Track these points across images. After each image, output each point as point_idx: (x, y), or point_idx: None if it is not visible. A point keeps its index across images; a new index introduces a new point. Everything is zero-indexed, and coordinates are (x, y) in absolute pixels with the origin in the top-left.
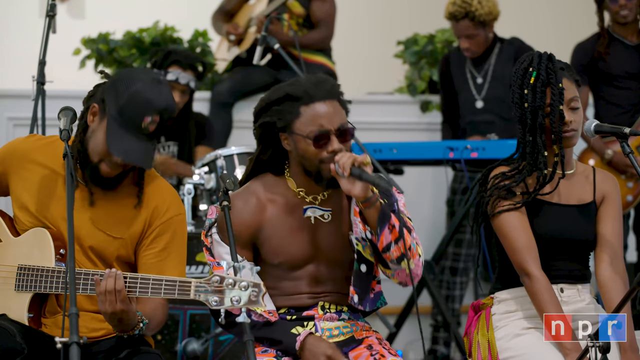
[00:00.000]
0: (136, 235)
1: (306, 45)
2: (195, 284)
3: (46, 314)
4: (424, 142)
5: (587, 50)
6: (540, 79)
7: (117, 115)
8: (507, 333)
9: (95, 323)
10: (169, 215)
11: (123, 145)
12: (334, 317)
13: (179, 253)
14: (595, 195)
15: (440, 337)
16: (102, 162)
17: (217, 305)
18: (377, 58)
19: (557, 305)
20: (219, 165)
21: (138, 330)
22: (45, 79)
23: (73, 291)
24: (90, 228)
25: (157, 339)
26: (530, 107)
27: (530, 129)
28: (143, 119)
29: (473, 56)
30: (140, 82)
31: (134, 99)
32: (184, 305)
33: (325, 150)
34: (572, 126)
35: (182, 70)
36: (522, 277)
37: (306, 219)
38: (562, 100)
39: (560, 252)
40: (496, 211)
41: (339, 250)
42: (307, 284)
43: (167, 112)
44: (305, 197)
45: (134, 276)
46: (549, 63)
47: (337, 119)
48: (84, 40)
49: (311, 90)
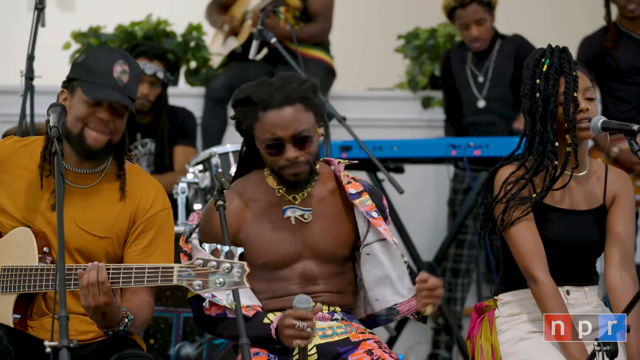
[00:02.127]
0: (122, 232)
1: (303, 39)
2: (178, 269)
3: (33, 316)
4: (426, 140)
5: (593, 44)
6: (553, 66)
7: (87, 77)
8: (511, 337)
9: (84, 326)
10: (153, 211)
11: (101, 94)
12: (326, 317)
13: (164, 249)
14: (606, 197)
15: (441, 340)
16: (87, 127)
17: (201, 289)
18: (377, 53)
19: (564, 312)
20: (214, 163)
21: (123, 326)
22: (34, 74)
23: (63, 293)
24: (75, 230)
25: (150, 342)
26: (543, 95)
27: (541, 118)
28: (112, 69)
29: (481, 48)
30: (92, 48)
31: (96, 57)
32: (178, 308)
33: (281, 158)
34: (587, 114)
35: (149, 61)
36: (529, 282)
37: (286, 219)
38: (576, 87)
39: (566, 256)
40: (512, 221)
41: (326, 246)
42: (298, 284)
43: (133, 63)
44: (284, 196)
45: (116, 267)
46: (562, 54)
47: (294, 126)
48: (74, 34)
49: (269, 95)
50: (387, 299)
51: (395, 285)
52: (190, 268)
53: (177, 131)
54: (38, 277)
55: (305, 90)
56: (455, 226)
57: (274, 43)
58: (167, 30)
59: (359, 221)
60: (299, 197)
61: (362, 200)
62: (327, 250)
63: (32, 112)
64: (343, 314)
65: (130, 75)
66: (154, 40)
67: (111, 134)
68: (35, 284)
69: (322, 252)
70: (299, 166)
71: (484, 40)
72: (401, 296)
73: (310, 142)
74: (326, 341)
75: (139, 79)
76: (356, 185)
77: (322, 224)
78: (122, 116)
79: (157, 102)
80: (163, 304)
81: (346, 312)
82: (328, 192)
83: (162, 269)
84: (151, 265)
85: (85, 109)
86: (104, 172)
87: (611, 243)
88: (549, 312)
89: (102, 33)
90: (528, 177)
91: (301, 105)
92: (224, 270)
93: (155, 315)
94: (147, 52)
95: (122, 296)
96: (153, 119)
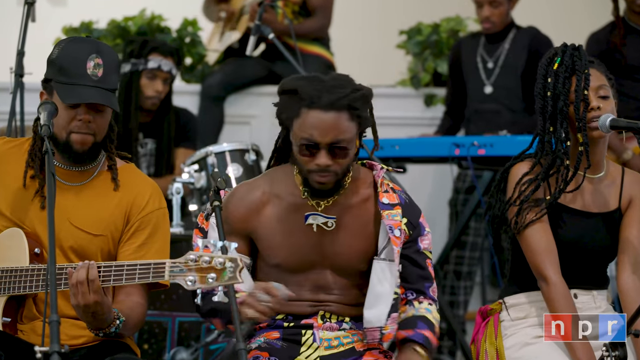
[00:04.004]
0: (117, 229)
1: (302, 34)
2: (169, 265)
3: (23, 319)
4: (428, 138)
5: (600, 40)
6: (564, 64)
7: (60, 77)
8: (517, 342)
9: (75, 330)
10: (149, 209)
11: (77, 95)
12: (334, 327)
13: (159, 249)
14: (621, 201)
15: (444, 345)
16: (71, 133)
17: (193, 285)
18: (378, 49)
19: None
20: (210, 162)
21: (114, 327)
22: (24, 71)
23: (54, 297)
24: (69, 228)
25: (144, 348)
26: (553, 94)
27: (551, 116)
28: (85, 66)
29: (490, 30)
30: (64, 42)
31: (68, 52)
32: (173, 312)
33: (312, 162)
34: (599, 112)
35: (164, 57)
36: (540, 282)
37: (307, 226)
38: (587, 85)
39: (577, 258)
40: (525, 223)
41: (345, 260)
42: (310, 291)
43: (107, 54)
44: (309, 200)
45: (107, 264)
46: (575, 52)
47: (333, 133)
48: (65, 30)
49: (318, 93)
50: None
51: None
52: (182, 264)
53: (179, 133)
54: (28, 278)
55: (355, 99)
56: (459, 227)
57: (272, 39)
58: (162, 25)
59: (381, 234)
60: (323, 204)
61: (392, 214)
62: (346, 264)
63: (22, 109)
64: (352, 323)
65: (105, 67)
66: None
67: (94, 133)
68: (25, 286)
69: (341, 265)
70: (326, 175)
71: (494, 24)
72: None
73: (346, 154)
74: (330, 352)
75: (117, 66)
76: (392, 196)
77: (345, 235)
78: (103, 112)
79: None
80: (157, 307)
81: (354, 322)
82: (359, 199)
83: (154, 265)
84: (142, 261)
85: (65, 114)
86: (97, 169)
87: (625, 248)
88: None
89: (95, 28)
90: (541, 178)
91: (347, 113)
92: (217, 266)
93: (150, 319)
94: (161, 48)
95: (114, 298)
96: (154, 118)
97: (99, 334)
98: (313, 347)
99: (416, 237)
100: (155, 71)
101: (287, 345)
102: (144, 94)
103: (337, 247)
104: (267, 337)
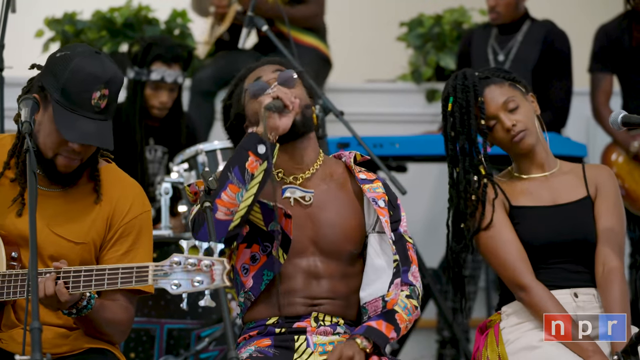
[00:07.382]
0: (99, 236)
1: (294, 19)
2: (153, 268)
3: (2, 327)
4: (430, 136)
5: (609, 33)
6: (458, 102)
7: (61, 98)
8: (520, 347)
9: (57, 338)
10: (132, 215)
11: (77, 129)
12: (328, 332)
13: (144, 255)
14: (589, 189)
15: (447, 354)
16: (58, 155)
17: (178, 289)
18: (377, 41)
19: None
20: (200, 161)
21: (85, 301)
22: (3, 65)
23: (36, 303)
24: (48, 235)
25: (131, 357)
26: (454, 135)
27: (451, 160)
28: (91, 96)
29: (496, 21)
30: (78, 58)
31: (76, 77)
32: (161, 319)
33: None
34: (518, 128)
35: (167, 67)
36: (518, 293)
37: (285, 200)
38: (483, 116)
39: (561, 255)
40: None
41: (333, 240)
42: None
43: (115, 83)
44: (285, 179)
45: (88, 269)
46: (464, 81)
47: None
48: (47, 21)
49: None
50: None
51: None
52: (167, 267)
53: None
54: (6, 284)
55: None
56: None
57: (265, 31)
58: (149, 16)
59: (367, 207)
60: (300, 176)
61: (373, 187)
62: (334, 246)
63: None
64: (346, 327)
65: (109, 98)
66: (134, 27)
67: (82, 158)
68: (3, 292)
69: (329, 247)
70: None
71: (500, 14)
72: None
73: (293, 80)
74: (325, 358)
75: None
76: (369, 174)
77: (328, 215)
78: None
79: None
80: (145, 314)
81: (349, 326)
82: (336, 183)
83: (137, 269)
84: (125, 265)
85: (55, 136)
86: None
87: (599, 240)
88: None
89: (78, 20)
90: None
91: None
92: (203, 268)
93: (137, 326)
94: (165, 56)
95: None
96: (162, 123)
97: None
98: (307, 353)
99: (397, 220)
100: (158, 83)
101: (280, 352)
102: (149, 104)
103: (323, 229)
104: (258, 345)
